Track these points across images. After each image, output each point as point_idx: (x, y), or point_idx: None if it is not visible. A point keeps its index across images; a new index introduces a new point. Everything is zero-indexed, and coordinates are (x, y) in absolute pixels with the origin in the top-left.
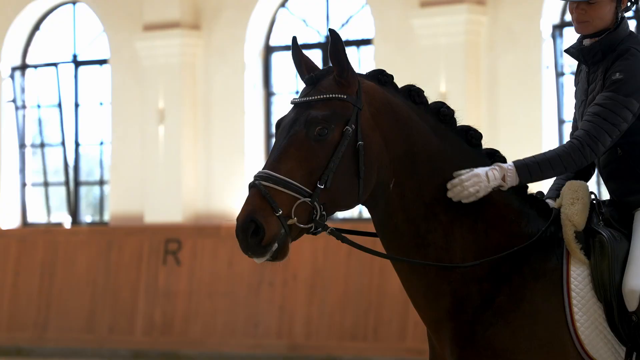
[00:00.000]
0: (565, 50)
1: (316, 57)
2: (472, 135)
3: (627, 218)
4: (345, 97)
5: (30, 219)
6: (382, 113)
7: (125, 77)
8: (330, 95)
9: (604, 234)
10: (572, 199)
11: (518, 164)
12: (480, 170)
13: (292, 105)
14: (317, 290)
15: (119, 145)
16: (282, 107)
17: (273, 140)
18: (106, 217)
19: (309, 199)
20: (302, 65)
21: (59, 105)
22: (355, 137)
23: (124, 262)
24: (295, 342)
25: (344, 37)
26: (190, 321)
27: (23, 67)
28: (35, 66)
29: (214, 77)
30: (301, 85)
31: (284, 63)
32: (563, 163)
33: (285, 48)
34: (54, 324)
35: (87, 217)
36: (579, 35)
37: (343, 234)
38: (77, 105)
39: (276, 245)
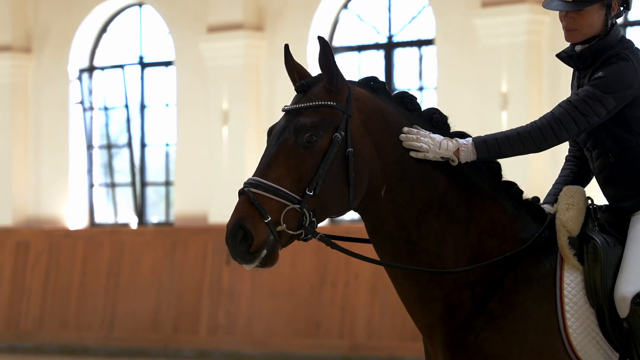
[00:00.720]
0: (557, 55)
1: (378, 58)
2: None
3: (623, 223)
4: (334, 104)
5: (98, 219)
6: (373, 120)
7: (190, 79)
8: (320, 103)
9: (597, 239)
10: (568, 204)
11: (476, 140)
12: (438, 137)
13: (283, 112)
14: (378, 291)
15: (184, 147)
16: None
17: None
18: (171, 218)
19: (298, 206)
20: (294, 72)
21: (126, 106)
22: (345, 144)
23: (188, 263)
24: (356, 342)
25: (407, 38)
26: (253, 321)
27: (91, 69)
28: (103, 68)
29: (277, 78)
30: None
31: (346, 64)
32: (522, 142)
33: (348, 49)
34: (120, 323)
35: (152, 217)
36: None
37: (332, 240)
38: (143, 107)
39: (265, 251)
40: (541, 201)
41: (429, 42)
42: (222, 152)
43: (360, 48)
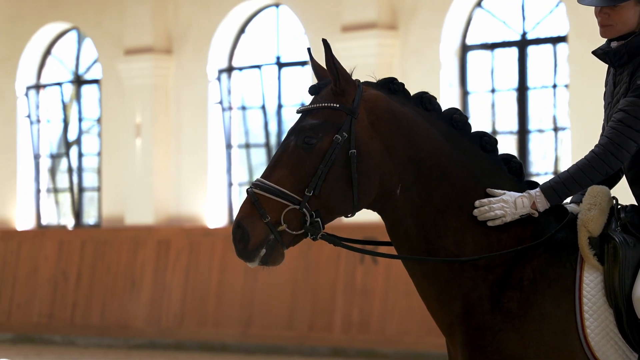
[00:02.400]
0: (593, 52)
1: (511, 55)
2: (486, 142)
3: None
4: (337, 105)
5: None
6: (383, 121)
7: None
8: (324, 104)
9: (617, 239)
10: (590, 204)
11: (544, 188)
12: (509, 197)
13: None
14: None
15: None
16: (478, 106)
17: None
18: None
19: (298, 206)
20: (318, 73)
21: (263, 106)
22: (348, 145)
23: (323, 261)
24: None
25: (540, 35)
26: (386, 319)
27: (229, 69)
28: (241, 68)
29: (410, 77)
30: (499, 84)
31: (480, 62)
32: (587, 176)
33: (482, 47)
34: (257, 320)
35: None
36: None
37: (341, 240)
38: (280, 107)
39: (264, 250)
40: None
41: (562, 39)
42: None
43: (493, 46)
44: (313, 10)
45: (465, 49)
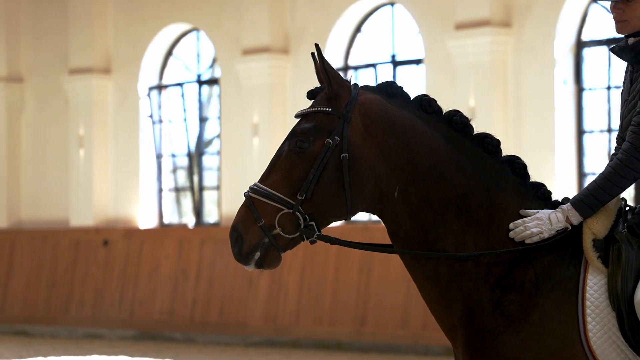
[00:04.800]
0: (610, 49)
1: None
2: (488, 143)
3: None
4: (330, 110)
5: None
6: (377, 124)
7: (439, 76)
8: (317, 109)
9: (621, 241)
10: None
11: (575, 202)
12: (543, 214)
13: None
14: None
15: None
16: (593, 103)
17: (584, 137)
18: None
19: (291, 210)
20: (320, 76)
21: None
22: (340, 149)
23: None
24: None
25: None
26: None
27: (345, 68)
28: (356, 67)
29: (524, 74)
30: (616, 81)
31: (595, 58)
32: (615, 184)
33: (598, 43)
34: (371, 319)
35: None
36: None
37: (337, 238)
38: None
39: (258, 253)
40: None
41: None
42: None
43: (609, 42)
44: (427, 9)
45: (580, 45)
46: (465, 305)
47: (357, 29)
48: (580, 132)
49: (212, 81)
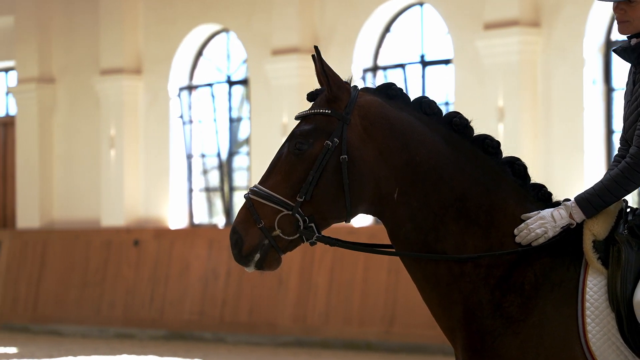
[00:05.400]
0: (613, 50)
1: None
2: (488, 144)
3: None
4: (329, 111)
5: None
6: (376, 125)
7: (468, 76)
8: (316, 111)
9: (621, 243)
10: None
11: (578, 199)
12: (546, 212)
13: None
14: None
15: None
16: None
17: (614, 137)
18: None
19: (291, 212)
20: (319, 78)
21: None
22: (339, 151)
23: None
24: None
25: None
26: None
27: (374, 68)
28: (385, 68)
29: (553, 74)
30: None
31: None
32: (622, 186)
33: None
34: (400, 319)
35: None
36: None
37: (336, 240)
38: None
39: (258, 255)
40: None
41: None
42: None
43: None
44: (456, 9)
45: (609, 44)
46: (464, 307)
47: (386, 29)
48: (609, 132)
49: (242, 82)
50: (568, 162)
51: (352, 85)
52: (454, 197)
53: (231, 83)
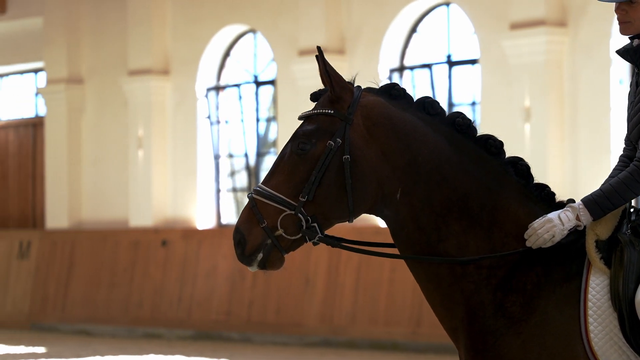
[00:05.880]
0: (616, 51)
1: None
2: (491, 144)
3: None
4: (332, 112)
5: None
6: (379, 126)
7: (494, 76)
8: (319, 111)
9: (624, 243)
10: None
11: (586, 201)
12: (553, 215)
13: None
14: None
15: None
16: None
17: None
18: None
19: (293, 212)
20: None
21: None
22: (342, 151)
23: None
24: None
25: None
26: None
27: (401, 68)
28: (412, 68)
29: (580, 74)
30: None
31: None
32: (630, 189)
33: None
34: (427, 319)
35: None
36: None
37: (339, 242)
38: (451, 105)
39: (261, 254)
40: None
41: None
42: (524, 149)
43: None
44: (482, 9)
45: None
46: (467, 307)
47: (413, 29)
48: None
49: (269, 82)
50: (595, 162)
51: (355, 85)
52: (457, 197)
53: (258, 83)
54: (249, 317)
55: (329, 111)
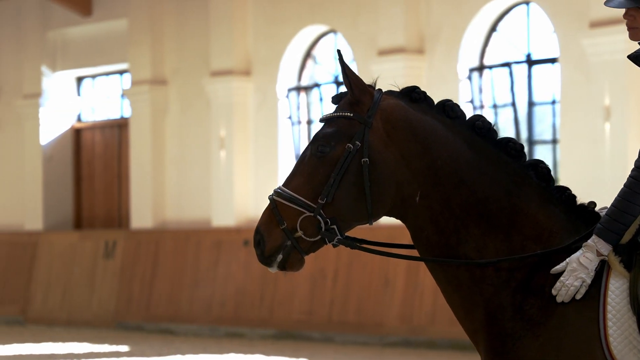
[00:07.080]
0: (628, 56)
1: None
2: (511, 147)
3: None
4: (351, 115)
5: None
6: (399, 129)
7: (574, 75)
8: (339, 114)
9: None
10: None
11: (598, 232)
12: (574, 263)
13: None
14: None
15: (567, 143)
16: None
17: None
18: None
19: (312, 214)
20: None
21: (513, 104)
22: (361, 154)
23: None
24: None
25: None
26: None
27: (480, 68)
28: (491, 67)
29: None
30: None
31: None
32: (634, 202)
33: None
34: None
35: None
36: None
37: (359, 244)
38: (531, 104)
39: (281, 256)
40: (600, 207)
41: None
42: (604, 149)
43: None
44: (562, 7)
45: None
46: (486, 309)
47: (493, 28)
48: None
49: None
50: None
51: (376, 88)
52: (476, 200)
53: (339, 84)
54: (330, 316)
55: (349, 114)
